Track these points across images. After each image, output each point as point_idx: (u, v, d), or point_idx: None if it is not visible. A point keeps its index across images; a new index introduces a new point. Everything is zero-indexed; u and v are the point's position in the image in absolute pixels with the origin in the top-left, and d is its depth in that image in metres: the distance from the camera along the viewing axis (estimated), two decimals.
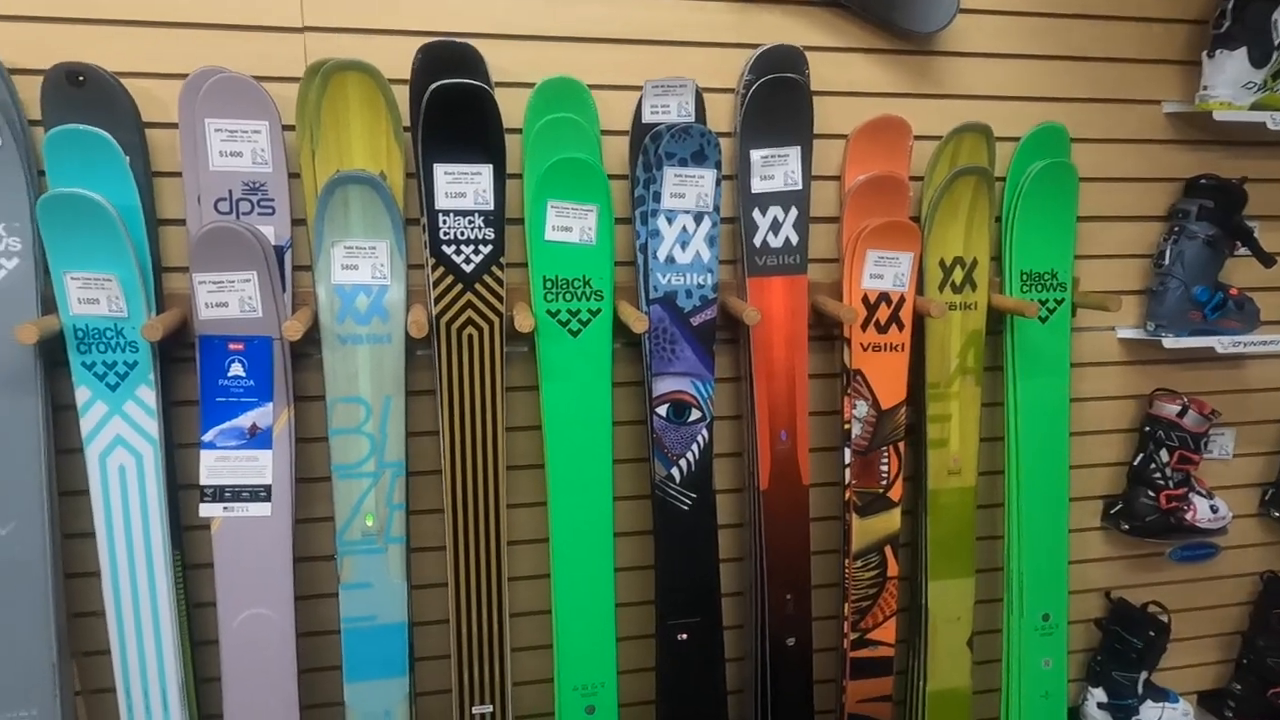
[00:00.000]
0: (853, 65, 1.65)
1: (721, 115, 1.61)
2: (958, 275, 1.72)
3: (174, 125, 1.42)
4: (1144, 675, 2.01)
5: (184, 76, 1.40)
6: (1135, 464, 1.94)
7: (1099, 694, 2.02)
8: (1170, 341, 1.83)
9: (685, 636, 1.60)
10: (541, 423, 1.55)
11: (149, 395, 1.40)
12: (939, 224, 1.68)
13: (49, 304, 1.38)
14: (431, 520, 1.62)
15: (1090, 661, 2.06)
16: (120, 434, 1.40)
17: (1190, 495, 1.91)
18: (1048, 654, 1.82)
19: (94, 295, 1.36)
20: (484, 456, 1.54)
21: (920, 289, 1.68)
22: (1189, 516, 1.91)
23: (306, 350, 1.52)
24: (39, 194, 1.35)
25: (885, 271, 1.64)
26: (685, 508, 1.60)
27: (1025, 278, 1.75)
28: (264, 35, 1.44)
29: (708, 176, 1.54)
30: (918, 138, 1.67)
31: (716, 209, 1.56)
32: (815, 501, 1.70)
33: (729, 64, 1.59)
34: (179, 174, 1.44)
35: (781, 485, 1.65)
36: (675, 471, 1.59)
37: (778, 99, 1.54)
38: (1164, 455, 1.89)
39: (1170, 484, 1.89)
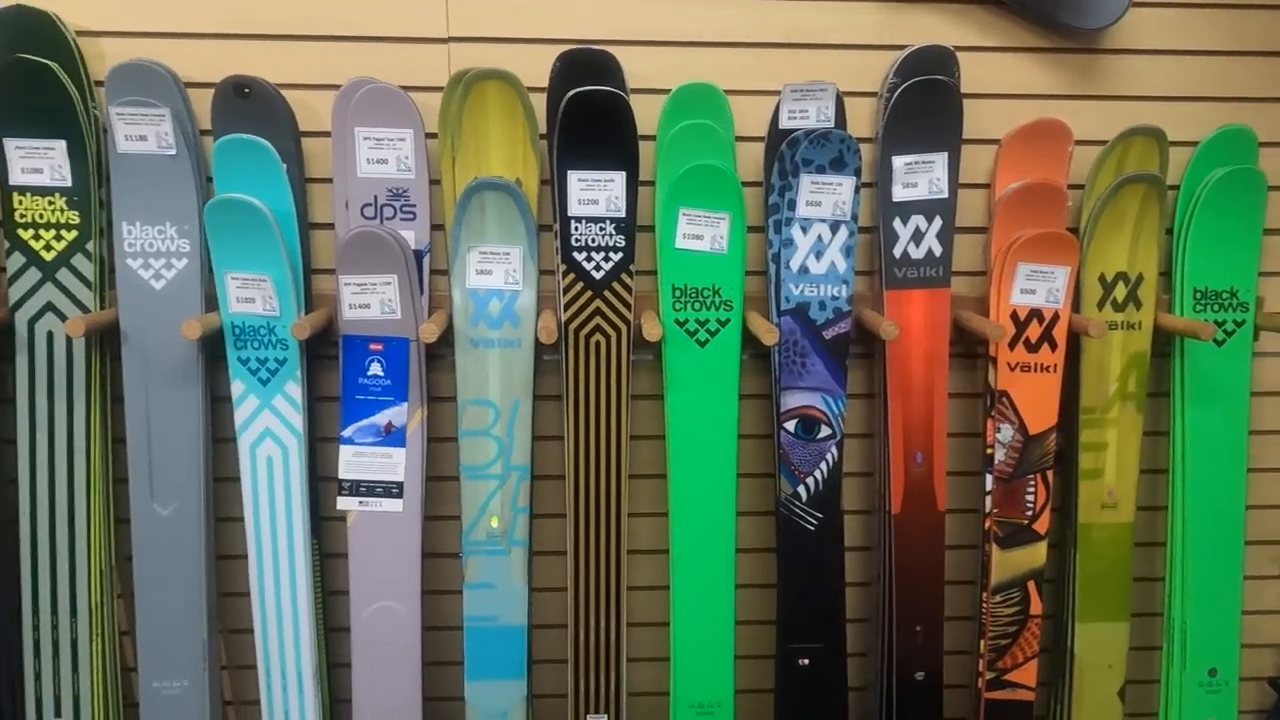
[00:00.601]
0: (1007, 65, 1.55)
1: (861, 120, 1.55)
2: (1120, 292, 1.58)
3: (326, 134, 1.50)
4: None
5: (337, 87, 1.47)
6: None
7: None
8: None
9: (807, 662, 1.54)
10: (665, 432, 1.53)
11: (296, 391, 1.48)
12: (1100, 236, 1.55)
13: (210, 302, 1.48)
14: (552, 525, 1.63)
15: None
16: (269, 426, 1.49)
17: None
18: (1213, 713, 1.64)
19: (251, 295, 1.45)
20: (608, 463, 1.54)
21: (1076, 306, 1.56)
22: None
23: (439, 352, 1.56)
24: (206, 199, 1.47)
25: (1038, 286, 1.52)
26: (811, 528, 1.54)
27: (1199, 296, 1.59)
28: (411, 46, 1.49)
29: (846, 184, 1.48)
30: (1078, 142, 1.54)
31: (854, 218, 1.50)
32: (951, 529, 1.59)
33: (871, 66, 1.52)
34: (329, 180, 1.52)
35: (915, 510, 1.57)
36: (801, 490, 1.54)
37: (925, 102, 1.46)
38: None
39: None
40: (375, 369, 1.49)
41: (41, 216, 1.44)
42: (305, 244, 1.52)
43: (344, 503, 1.50)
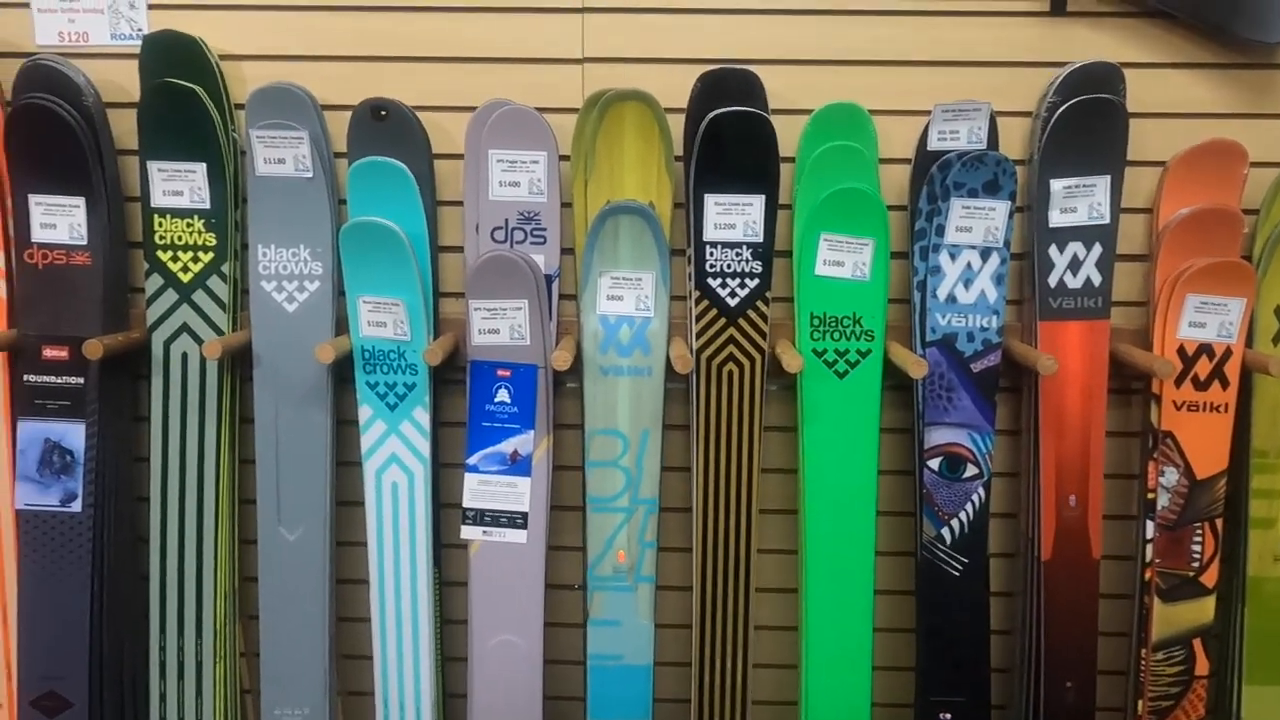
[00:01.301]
0: (1176, 82, 1.44)
1: (1013, 141, 1.46)
2: None
3: (458, 156, 1.48)
4: None
5: (470, 109, 1.46)
6: None
7: None
8: None
9: (949, 716, 1.45)
10: (799, 467, 1.46)
11: (424, 417, 1.45)
12: (1278, 266, 1.44)
13: (340, 325, 1.48)
14: (674, 558, 1.57)
15: None
16: (395, 452, 1.46)
17: None
18: None
19: (382, 319, 1.43)
20: (738, 497, 1.47)
21: (1250, 341, 1.45)
22: None
23: (562, 379, 1.52)
24: (339, 222, 1.46)
25: (1208, 320, 1.41)
26: (955, 573, 1.45)
27: None
28: (545, 67, 1.46)
29: (1000, 209, 1.40)
30: (1254, 165, 1.44)
31: (1006, 244, 1.41)
32: (1106, 577, 1.49)
33: (1026, 85, 1.44)
34: (459, 203, 1.50)
35: (1067, 556, 1.46)
36: (945, 532, 1.45)
37: (1089, 123, 1.37)
38: None
39: None
40: (502, 395, 1.46)
41: (180, 238, 1.45)
42: (435, 267, 1.51)
43: (468, 532, 1.47)
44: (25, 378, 1.43)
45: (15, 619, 1.48)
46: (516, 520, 1.47)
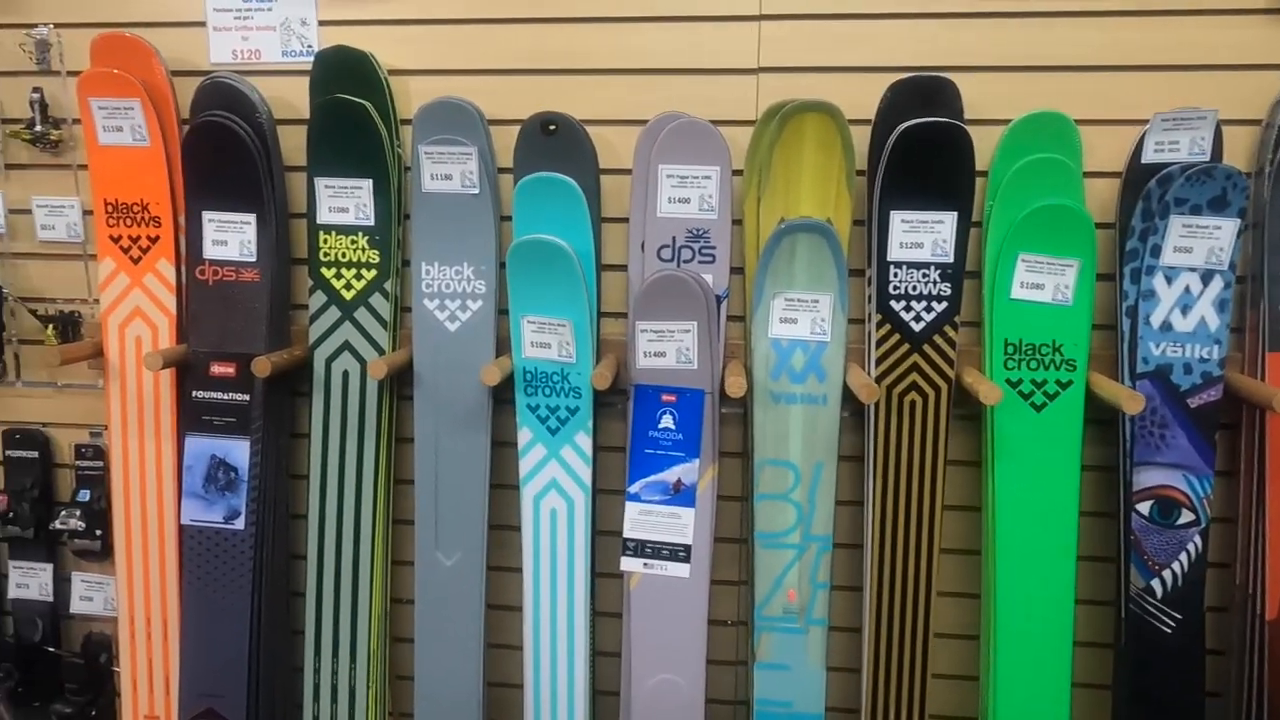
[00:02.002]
0: None
1: (1237, 152, 1.31)
2: None
3: (623, 171, 1.42)
4: None
5: (637, 122, 1.39)
6: None
7: None
8: None
9: None
10: (987, 505, 1.35)
11: (586, 442, 1.39)
12: None
13: (501, 345, 1.44)
14: (843, 598, 1.46)
15: None
16: (556, 478, 1.41)
17: None
18: None
19: (546, 340, 1.39)
20: (918, 535, 1.36)
21: None
22: None
23: (726, 406, 1.44)
24: (502, 240, 1.43)
25: None
26: (1167, 630, 1.31)
27: None
28: (717, 78, 1.39)
29: (1226, 227, 1.26)
30: None
31: (1231, 267, 1.28)
32: None
33: (1253, 90, 1.29)
34: (622, 219, 1.44)
35: None
36: (1156, 584, 1.31)
37: None
38: None
39: None
40: (667, 421, 1.40)
41: (344, 255, 1.44)
42: (598, 287, 1.45)
43: (628, 563, 1.41)
44: (194, 394, 1.44)
45: (178, 635, 1.51)
46: (679, 553, 1.39)
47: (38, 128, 1.48)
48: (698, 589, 1.38)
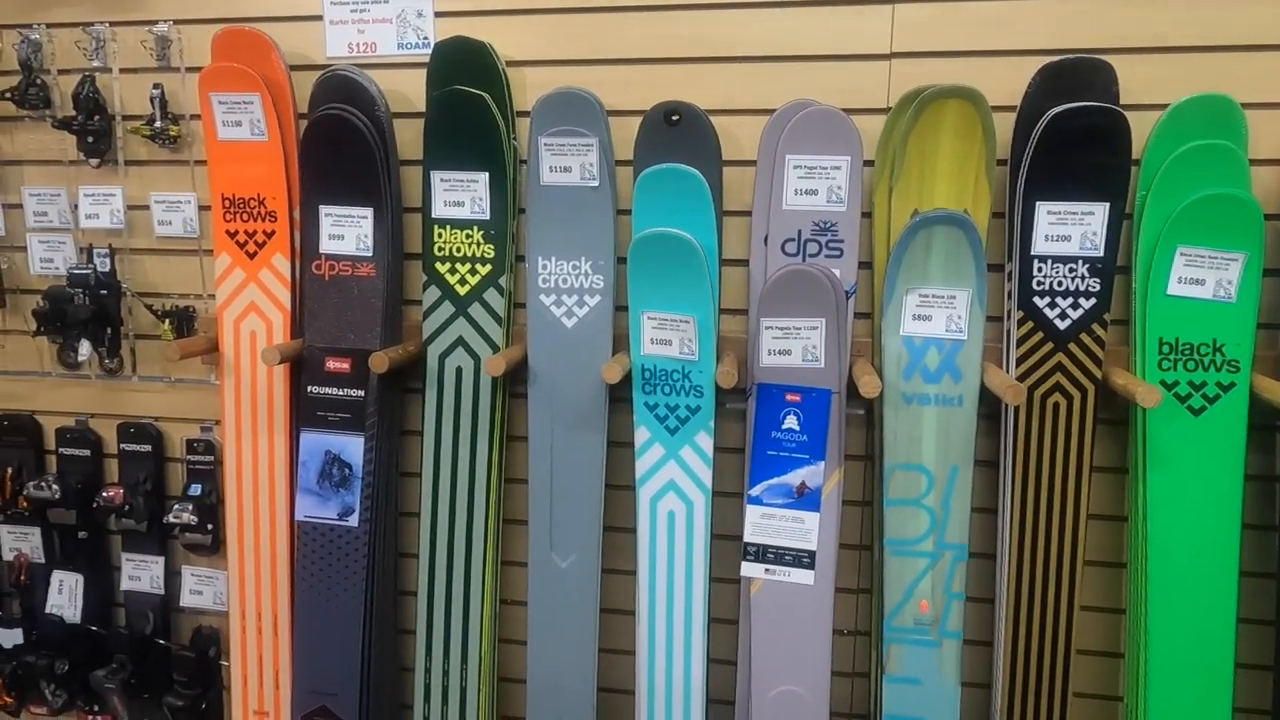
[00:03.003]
0: None
1: None
2: None
3: (746, 162, 1.37)
4: None
5: (761, 112, 1.34)
6: None
7: None
8: None
9: None
10: (1137, 515, 1.26)
11: (706, 443, 1.34)
12: None
13: (618, 342, 1.40)
14: (975, 609, 1.38)
15: None
16: (674, 479, 1.37)
17: None
18: None
19: (668, 336, 1.34)
20: (1059, 545, 1.29)
21: None
22: None
23: (850, 407, 1.38)
24: (619, 234, 1.39)
25: None
26: None
27: None
28: (846, 65, 1.34)
29: None
30: None
31: None
32: None
33: None
34: (743, 213, 1.39)
35: None
36: None
37: None
38: None
39: None
40: (790, 422, 1.35)
41: (459, 250, 1.41)
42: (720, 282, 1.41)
43: (748, 569, 1.36)
44: (309, 389, 1.43)
45: (288, 631, 1.50)
46: (803, 559, 1.34)
47: (157, 124, 1.49)
48: (823, 597, 1.32)
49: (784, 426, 1.34)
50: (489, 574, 1.44)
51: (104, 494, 1.56)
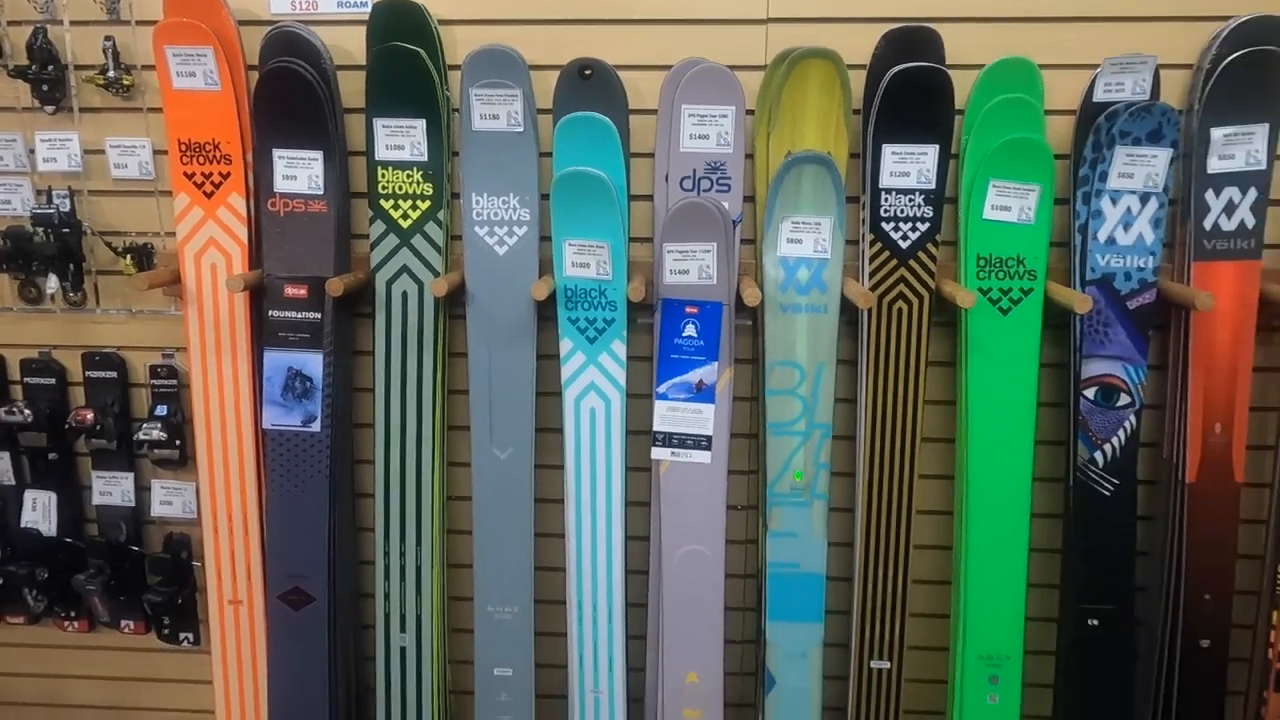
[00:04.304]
0: None
1: (1172, 92, 1.55)
2: None
3: (650, 111, 1.61)
4: None
5: (662, 68, 1.58)
6: None
7: None
8: None
9: (1096, 623, 1.59)
10: (961, 398, 1.59)
11: (620, 349, 1.60)
12: None
13: (543, 267, 1.63)
14: (839, 482, 1.70)
15: None
16: (594, 381, 1.62)
17: None
18: None
19: (585, 260, 1.58)
20: (903, 426, 1.61)
21: None
22: None
23: (739, 317, 1.66)
24: (542, 173, 1.60)
25: None
26: (1106, 493, 1.57)
27: None
28: (731, 28, 1.58)
29: (1161, 156, 1.50)
30: None
31: (1166, 190, 1.52)
32: (1245, 502, 1.61)
33: (1187, 39, 1.53)
34: (648, 154, 1.64)
35: (1210, 479, 1.57)
36: (1099, 455, 1.57)
37: (1251, 73, 1.45)
38: None
39: None
40: (690, 330, 1.61)
41: (401, 188, 1.61)
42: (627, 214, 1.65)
43: (657, 453, 1.63)
44: (270, 313, 1.61)
45: (257, 528, 1.69)
46: (702, 443, 1.61)
47: (110, 74, 1.61)
48: (718, 472, 1.61)
49: (684, 334, 1.60)
50: (437, 471, 1.67)
51: (76, 416, 1.71)
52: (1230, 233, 1.54)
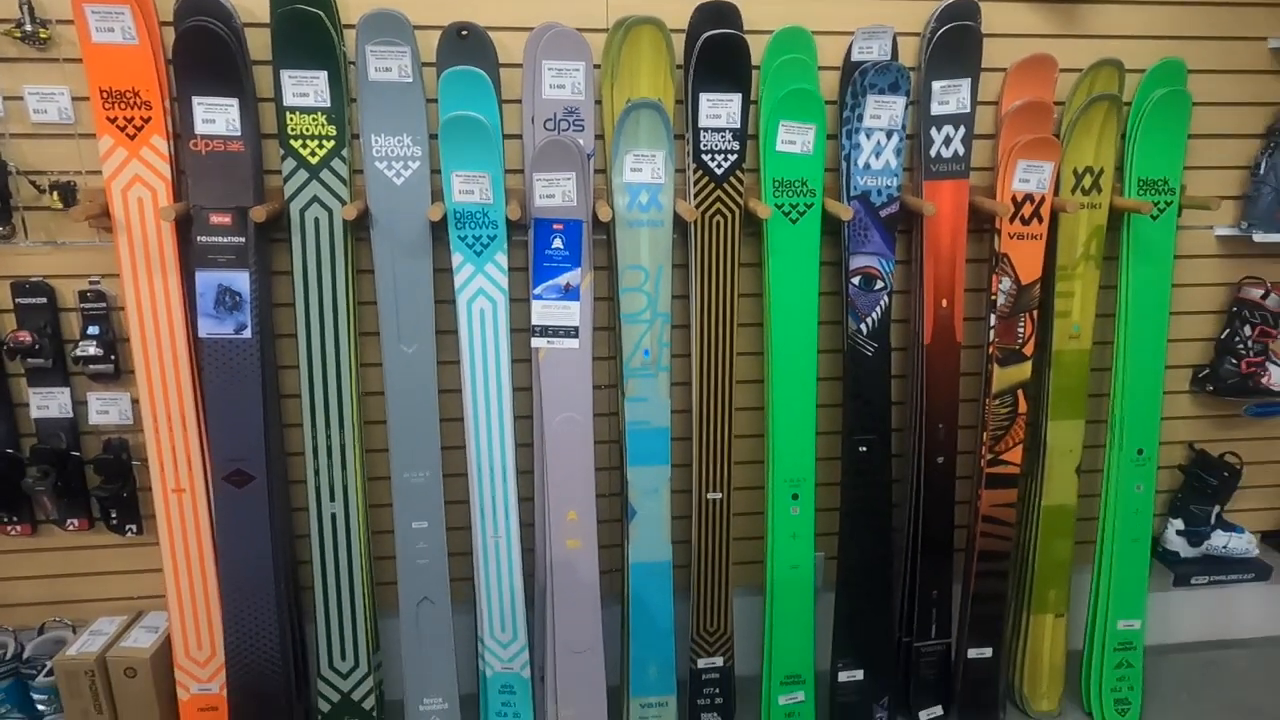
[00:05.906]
0: (1013, 13, 2.09)
1: (907, 54, 2.07)
2: (1087, 181, 2.15)
3: (517, 65, 1.97)
4: (1217, 509, 2.49)
5: (525, 29, 1.94)
6: (1222, 337, 2.39)
7: (1177, 523, 2.51)
8: (1260, 236, 2.25)
9: (865, 449, 2.14)
10: (765, 289, 2.09)
11: (502, 259, 1.98)
12: (1075, 140, 2.12)
13: (434, 195, 1.97)
14: (677, 362, 2.18)
15: (1172, 498, 2.54)
16: (482, 287, 1.98)
17: (1267, 363, 2.35)
18: (1139, 480, 2.31)
19: (470, 188, 1.92)
20: (722, 314, 2.08)
21: (1057, 191, 2.13)
22: (1265, 380, 2.35)
23: (598, 234, 2.08)
24: (430, 117, 1.92)
25: (1031, 177, 2.08)
26: (869, 354, 2.12)
27: (1142, 184, 2.18)
28: None
29: (899, 102, 2.00)
30: (1062, 70, 2.11)
31: (903, 127, 2.03)
32: (964, 358, 2.20)
33: (914, 14, 2.05)
34: (516, 101, 2.00)
35: (941, 341, 2.15)
36: (863, 327, 2.11)
37: (956, 41, 2.00)
38: (1247, 330, 2.33)
39: (1251, 353, 2.33)
40: (557, 243, 1.99)
41: (308, 130, 1.89)
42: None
43: (536, 342, 2.02)
44: (199, 239, 1.87)
45: (195, 424, 1.96)
46: (571, 332, 2.02)
47: (27, 28, 1.77)
48: (585, 355, 2.04)
49: (553, 247, 1.99)
50: (354, 364, 2.00)
51: (15, 337, 1.89)
52: (948, 159, 2.09)
